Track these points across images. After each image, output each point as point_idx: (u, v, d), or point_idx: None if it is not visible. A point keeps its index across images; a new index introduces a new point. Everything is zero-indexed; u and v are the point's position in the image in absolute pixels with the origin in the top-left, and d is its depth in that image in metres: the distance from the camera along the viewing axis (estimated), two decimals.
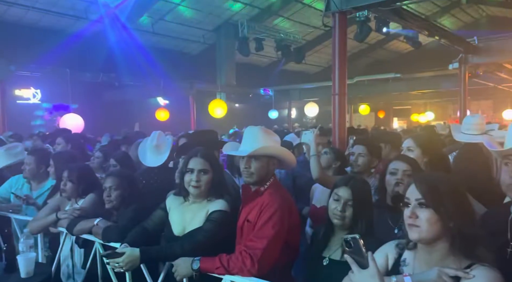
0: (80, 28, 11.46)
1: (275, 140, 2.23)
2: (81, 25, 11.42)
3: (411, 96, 16.18)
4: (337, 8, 4.58)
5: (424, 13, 14.95)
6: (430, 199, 1.42)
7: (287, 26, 14.78)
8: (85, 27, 11.35)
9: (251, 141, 2.15)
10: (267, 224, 1.94)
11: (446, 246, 1.46)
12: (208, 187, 2.21)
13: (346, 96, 4.80)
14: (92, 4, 10.77)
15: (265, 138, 2.18)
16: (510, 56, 7.87)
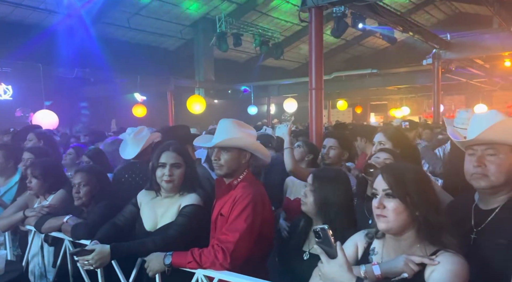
0: (52, 22, 11.14)
1: (248, 132, 2.21)
2: (53, 19, 11.10)
3: (388, 92, 16.46)
4: (313, 4, 4.61)
5: (400, 9, 15.18)
6: (396, 189, 1.45)
7: (266, 22, 14.79)
8: (57, 21, 11.03)
9: (222, 133, 2.13)
10: (239, 217, 1.93)
11: (413, 235, 1.49)
12: (180, 181, 2.19)
13: (323, 91, 4.83)
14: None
15: (236, 130, 2.16)
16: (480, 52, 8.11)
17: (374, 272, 1.46)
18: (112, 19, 12.36)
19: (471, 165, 1.56)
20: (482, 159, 1.54)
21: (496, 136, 1.50)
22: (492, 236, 1.50)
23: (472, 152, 1.57)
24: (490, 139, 1.51)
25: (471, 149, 1.58)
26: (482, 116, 1.60)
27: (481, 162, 1.53)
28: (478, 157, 1.54)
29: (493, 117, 1.54)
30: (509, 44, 7.57)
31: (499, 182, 1.51)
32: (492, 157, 1.52)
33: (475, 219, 1.59)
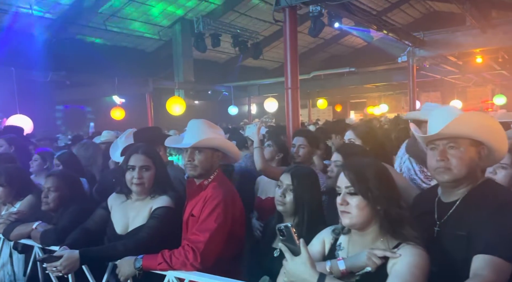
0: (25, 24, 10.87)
1: (218, 132, 2.22)
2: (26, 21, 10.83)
3: (366, 90, 16.70)
4: (286, 4, 4.63)
5: (376, 8, 15.44)
6: (358, 186, 1.49)
7: (245, 22, 14.78)
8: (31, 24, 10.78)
9: (194, 134, 2.13)
10: (210, 217, 1.94)
11: (376, 229, 1.53)
12: (151, 183, 2.18)
13: (299, 90, 4.86)
14: None
15: (208, 131, 2.17)
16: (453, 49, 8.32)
17: (339, 267, 1.49)
18: (88, 21, 12.14)
19: (434, 160, 1.60)
20: (444, 153, 1.58)
21: (456, 130, 1.54)
22: (453, 228, 1.55)
23: (434, 147, 1.61)
24: (451, 133, 1.55)
25: (433, 144, 1.62)
26: (441, 111, 1.64)
27: (444, 156, 1.57)
28: (440, 151, 1.59)
29: (452, 112, 1.58)
30: (480, 41, 7.79)
31: (461, 174, 1.56)
32: (453, 150, 1.57)
33: (438, 212, 1.64)
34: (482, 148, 1.59)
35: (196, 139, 2.09)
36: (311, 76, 13.26)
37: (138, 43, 15.06)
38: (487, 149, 1.59)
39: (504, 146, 1.60)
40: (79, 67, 10.62)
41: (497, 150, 1.60)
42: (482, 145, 1.58)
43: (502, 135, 1.59)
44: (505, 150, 1.61)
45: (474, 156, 1.57)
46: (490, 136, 1.57)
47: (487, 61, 9.87)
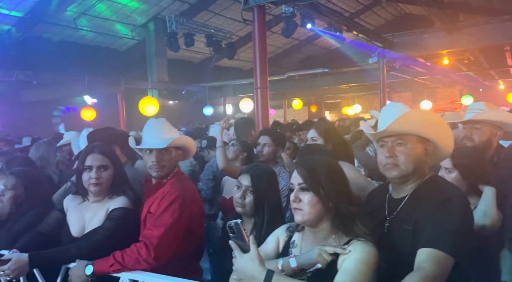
0: None
1: (176, 131, 2.22)
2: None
3: (340, 90, 16.92)
4: (255, 3, 4.64)
5: (349, 10, 15.69)
6: (310, 182, 1.49)
7: (219, 22, 14.71)
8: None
9: (160, 134, 2.11)
10: (166, 212, 1.92)
11: (328, 226, 1.54)
12: (109, 184, 2.13)
13: (268, 89, 4.88)
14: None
15: (172, 130, 2.18)
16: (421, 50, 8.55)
17: (291, 265, 1.50)
18: (56, 19, 11.81)
19: (383, 156, 1.63)
20: (392, 149, 1.62)
21: (402, 127, 1.58)
22: (401, 223, 1.58)
23: (383, 144, 1.65)
24: (396, 130, 1.59)
25: (382, 141, 1.65)
26: (390, 109, 1.68)
27: (392, 152, 1.61)
28: (389, 148, 1.62)
29: (399, 109, 1.61)
30: (446, 43, 8.03)
31: (408, 170, 1.60)
32: (401, 147, 1.61)
33: (388, 208, 1.67)
34: (428, 144, 1.63)
35: (165, 138, 2.07)
36: (286, 76, 13.33)
37: (110, 42, 14.77)
38: (434, 146, 1.63)
39: (450, 143, 1.65)
40: (47, 66, 10.31)
41: (443, 146, 1.65)
42: (429, 141, 1.63)
43: (447, 131, 1.63)
44: (450, 146, 1.66)
45: (421, 153, 1.61)
46: (436, 133, 1.61)
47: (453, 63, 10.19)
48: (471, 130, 2.47)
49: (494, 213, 1.90)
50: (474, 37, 7.70)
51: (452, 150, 1.68)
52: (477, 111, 2.49)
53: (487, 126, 2.46)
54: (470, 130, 2.48)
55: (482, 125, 2.46)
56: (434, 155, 1.66)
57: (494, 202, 1.92)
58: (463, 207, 1.50)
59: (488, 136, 2.44)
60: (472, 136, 2.46)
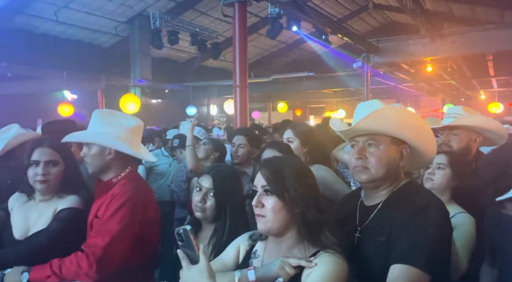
0: None
1: (119, 125, 1.95)
2: None
3: (325, 95, 16.90)
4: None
5: (336, 15, 15.70)
6: (274, 185, 1.33)
7: (206, 22, 14.52)
8: None
9: (92, 127, 1.92)
10: (113, 218, 1.71)
11: (294, 235, 1.38)
12: (58, 181, 1.93)
13: (247, 88, 4.73)
14: None
15: (102, 125, 1.93)
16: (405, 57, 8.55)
17: (249, 278, 1.33)
18: (36, 11, 11.45)
19: (353, 158, 1.48)
20: (363, 151, 1.46)
21: (373, 125, 1.42)
22: (373, 234, 1.43)
23: (354, 144, 1.50)
24: (367, 128, 1.43)
25: (354, 140, 1.50)
26: (364, 105, 1.53)
27: (362, 154, 1.46)
28: (359, 148, 1.47)
29: (373, 106, 1.47)
30: (430, 50, 8.04)
31: (379, 175, 1.44)
32: (372, 148, 1.45)
33: (360, 216, 1.52)
34: (404, 147, 1.48)
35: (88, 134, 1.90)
36: (271, 79, 13.23)
37: (93, 37, 14.41)
38: (411, 149, 1.49)
39: (431, 147, 1.50)
40: (24, 59, 9.95)
41: (422, 151, 1.50)
42: (405, 144, 1.48)
43: (427, 134, 1.48)
44: (432, 151, 1.51)
45: (395, 156, 1.46)
46: (413, 135, 1.46)
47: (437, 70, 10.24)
48: (449, 136, 2.36)
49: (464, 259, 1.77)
50: (457, 45, 7.72)
51: (434, 155, 1.54)
52: (454, 115, 2.37)
53: (465, 131, 2.35)
54: (448, 136, 2.36)
55: (460, 131, 2.35)
56: (413, 160, 1.52)
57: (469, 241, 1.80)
58: (441, 217, 1.36)
59: (466, 142, 2.33)
60: (450, 143, 2.34)
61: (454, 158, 2.03)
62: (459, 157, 2.03)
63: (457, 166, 1.98)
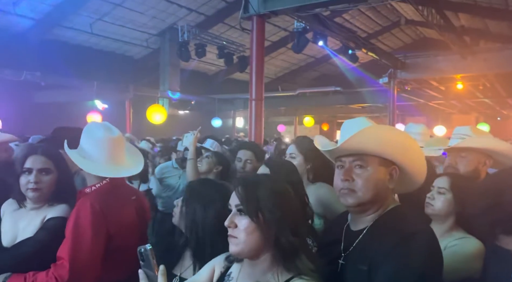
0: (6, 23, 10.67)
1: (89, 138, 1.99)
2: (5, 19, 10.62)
3: (353, 110, 16.63)
4: (255, 12, 4.48)
5: (367, 30, 15.52)
6: (247, 205, 1.25)
7: (235, 35, 14.70)
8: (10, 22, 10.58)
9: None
10: (73, 233, 1.68)
11: (268, 259, 1.29)
12: (50, 190, 1.91)
13: (263, 101, 4.69)
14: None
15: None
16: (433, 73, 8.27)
17: None
18: (73, 23, 11.97)
19: (339, 180, 1.38)
20: (349, 172, 1.36)
21: (360, 145, 1.32)
22: (356, 262, 1.31)
23: (340, 164, 1.39)
24: (353, 148, 1.33)
25: (340, 161, 1.40)
26: (351, 123, 1.43)
27: (348, 175, 1.35)
28: (346, 170, 1.36)
29: (360, 124, 1.37)
30: (460, 67, 7.74)
31: (366, 198, 1.33)
32: (360, 170, 1.35)
33: (345, 242, 1.41)
34: (393, 169, 1.36)
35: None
36: (297, 93, 13.16)
37: (125, 49, 14.90)
38: (401, 171, 1.37)
39: (422, 168, 1.38)
40: (57, 69, 10.37)
41: (413, 172, 1.38)
42: (394, 165, 1.37)
43: (418, 155, 1.37)
44: (423, 173, 1.39)
45: (384, 178, 1.35)
46: (403, 156, 1.35)
47: (468, 88, 9.84)
48: (456, 158, 2.19)
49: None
50: (489, 62, 7.39)
51: (424, 178, 1.41)
52: (462, 136, 2.20)
53: (474, 154, 2.17)
54: (455, 158, 2.19)
55: (468, 153, 2.17)
56: (402, 182, 1.40)
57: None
58: (428, 246, 1.24)
59: (475, 165, 2.15)
60: (457, 165, 2.17)
61: (457, 182, 1.86)
62: (463, 181, 1.85)
63: (460, 191, 1.80)
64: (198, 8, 13.27)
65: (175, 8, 12.98)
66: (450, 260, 1.58)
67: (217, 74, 18.09)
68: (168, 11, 13.04)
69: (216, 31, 13.77)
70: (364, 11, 13.96)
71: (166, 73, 14.61)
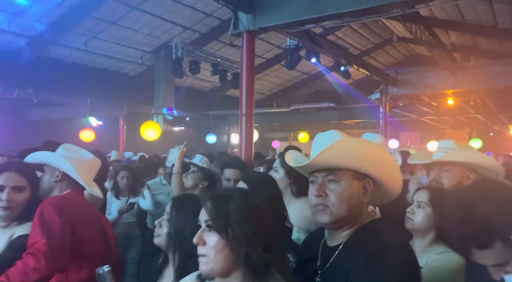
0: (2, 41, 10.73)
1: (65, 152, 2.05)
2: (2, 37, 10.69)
3: (347, 126, 16.70)
4: (244, 28, 4.52)
5: (360, 47, 15.72)
6: (215, 220, 1.22)
7: (229, 52, 14.83)
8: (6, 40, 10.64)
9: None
10: (41, 220, 1.72)
11: (239, 276, 1.24)
12: (22, 208, 1.87)
13: (253, 117, 4.68)
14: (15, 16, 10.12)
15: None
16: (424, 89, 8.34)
17: None
18: (68, 41, 12.05)
19: (313, 195, 1.35)
20: (322, 187, 1.33)
21: (332, 159, 1.29)
22: (332, 279, 1.28)
23: (314, 180, 1.37)
24: (326, 163, 1.31)
25: (313, 176, 1.37)
26: (323, 136, 1.41)
27: (321, 191, 1.32)
28: (319, 185, 1.34)
29: (332, 137, 1.35)
30: (450, 83, 7.82)
31: (340, 214, 1.30)
32: (333, 184, 1.32)
33: (322, 258, 1.37)
34: (367, 182, 1.34)
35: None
36: (291, 109, 13.21)
37: (120, 66, 14.98)
38: (375, 183, 1.35)
39: (396, 180, 1.36)
40: (51, 86, 10.40)
41: (387, 184, 1.35)
42: (368, 178, 1.34)
43: (390, 167, 1.34)
44: (398, 184, 1.37)
45: (357, 192, 1.33)
46: (376, 168, 1.33)
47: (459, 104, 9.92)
48: (440, 172, 2.17)
49: None
50: (479, 78, 7.47)
51: (399, 189, 1.39)
52: (446, 150, 2.19)
53: (457, 168, 2.15)
54: (439, 172, 2.18)
55: (452, 167, 2.16)
56: (377, 194, 1.37)
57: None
58: (402, 261, 1.21)
59: (458, 179, 2.13)
60: (440, 179, 2.16)
61: (437, 196, 1.82)
62: (442, 195, 1.81)
63: (440, 204, 1.77)
64: (192, 26, 13.41)
65: (169, 26, 13.11)
66: (431, 275, 1.54)
67: (212, 91, 18.18)
68: (162, 28, 13.16)
69: (210, 48, 13.90)
70: (357, 29, 14.18)
71: (160, 89, 14.67)
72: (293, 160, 1.46)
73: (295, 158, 1.48)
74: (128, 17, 11.79)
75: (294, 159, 1.46)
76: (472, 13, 8.58)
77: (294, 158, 1.47)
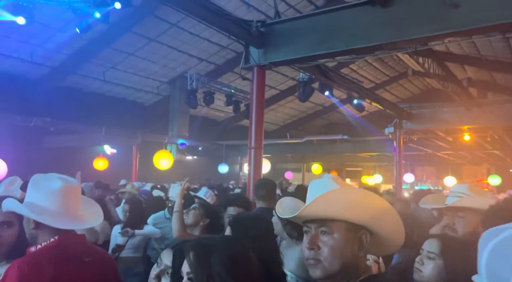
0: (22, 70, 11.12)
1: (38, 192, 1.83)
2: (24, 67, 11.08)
3: (361, 159, 16.49)
4: (255, 63, 4.55)
5: (374, 80, 15.74)
6: (197, 273, 1.14)
7: (244, 84, 15.01)
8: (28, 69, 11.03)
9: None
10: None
11: None
12: (10, 244, 1.81)
13: (262, 150, 4.63)
14: (38, 47, 10.52)
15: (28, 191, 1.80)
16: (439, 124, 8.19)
17: None
18: (87, 71, 12.41)
19: (305, 248, 1.26)
20: (315, 239, 1.23)
21: (323, 210, 1.21)
22: None
23: (307, 230, 1.28)
24: (317, 214, 1.22)
25: (306, 226, 1.28)
26: (317, 184, 1.33)
27: (314, 243, 1.23)
28: (311, 237, 1.24)
29: (325, 185, 1.27)
30: (466, 119, 7.67)
31: (333, 269, 1.20)
32: (325, 237, 1.23)
33: None
34: (363, 233, 1.24)
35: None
36: (304, 140, 13.15)
37: (137, 96, 15.30)
38: (372, 235, 1.25)
39: (397, 230, 1.26)
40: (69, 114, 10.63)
41: (386, 235, 1.25)
42: (364, 229, 1.25)
43: (389, 216, 1.24)
44: (399, 235, 1.27)
45: (353, 244, 1.23)
46: (372, 218, 1.23)
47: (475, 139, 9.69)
48: (453, 218, 2.04)
49: None
50: (495, 115, 7.31)
51: (402, 240, 1.28)
52: (460, 195, 2.06)
53: (472, 214, 2.02)
54: (452, 218, 2.05)
55: (466, 213, 2.03)
56: (378, 245, 1.27)
57: None
58: None
59: (474, 227, 1.98)
60: (454, 226, 2.02)
61: (449, 246, 1.67)
62: (456, 245, 1.66)
63: (452, 257, 1.62)
64: (208, 58, 13.69)
65: (186, 58, 13.41)
66: None
67: (226, 121, 18.33)
68: (179, 60, 13.47)
69: (225, 80, 14.12)
70: (371, 62, 14.24)
71: (175, 119, 14.86)
72: (284, 209, 1.37)
73: (286, 207, 1.40)
74: (146, 49, 12.12)
75: (285, 209, 1.38)
76: (488, 48, 8.53)
77: (285, 207, 1.39)
